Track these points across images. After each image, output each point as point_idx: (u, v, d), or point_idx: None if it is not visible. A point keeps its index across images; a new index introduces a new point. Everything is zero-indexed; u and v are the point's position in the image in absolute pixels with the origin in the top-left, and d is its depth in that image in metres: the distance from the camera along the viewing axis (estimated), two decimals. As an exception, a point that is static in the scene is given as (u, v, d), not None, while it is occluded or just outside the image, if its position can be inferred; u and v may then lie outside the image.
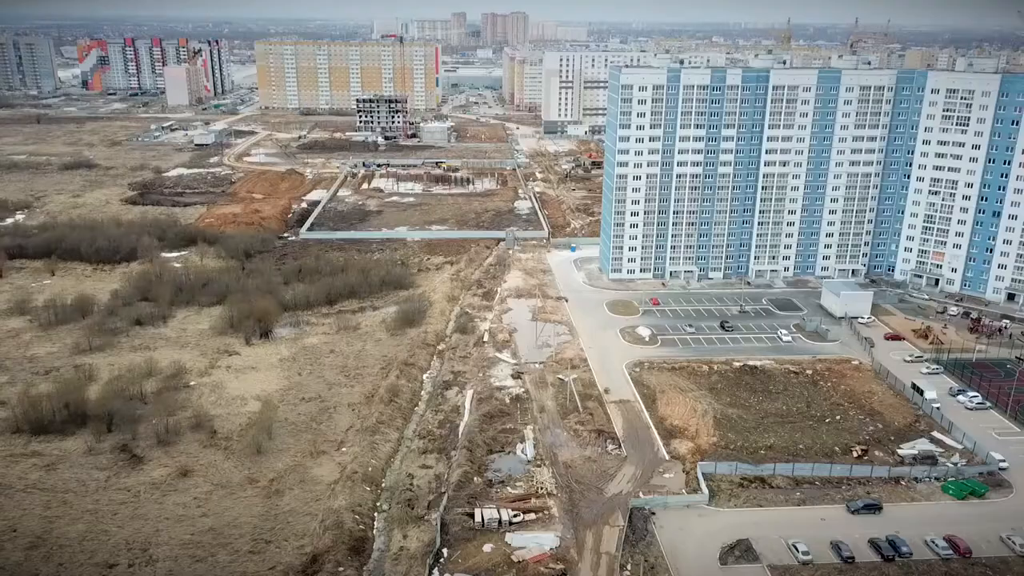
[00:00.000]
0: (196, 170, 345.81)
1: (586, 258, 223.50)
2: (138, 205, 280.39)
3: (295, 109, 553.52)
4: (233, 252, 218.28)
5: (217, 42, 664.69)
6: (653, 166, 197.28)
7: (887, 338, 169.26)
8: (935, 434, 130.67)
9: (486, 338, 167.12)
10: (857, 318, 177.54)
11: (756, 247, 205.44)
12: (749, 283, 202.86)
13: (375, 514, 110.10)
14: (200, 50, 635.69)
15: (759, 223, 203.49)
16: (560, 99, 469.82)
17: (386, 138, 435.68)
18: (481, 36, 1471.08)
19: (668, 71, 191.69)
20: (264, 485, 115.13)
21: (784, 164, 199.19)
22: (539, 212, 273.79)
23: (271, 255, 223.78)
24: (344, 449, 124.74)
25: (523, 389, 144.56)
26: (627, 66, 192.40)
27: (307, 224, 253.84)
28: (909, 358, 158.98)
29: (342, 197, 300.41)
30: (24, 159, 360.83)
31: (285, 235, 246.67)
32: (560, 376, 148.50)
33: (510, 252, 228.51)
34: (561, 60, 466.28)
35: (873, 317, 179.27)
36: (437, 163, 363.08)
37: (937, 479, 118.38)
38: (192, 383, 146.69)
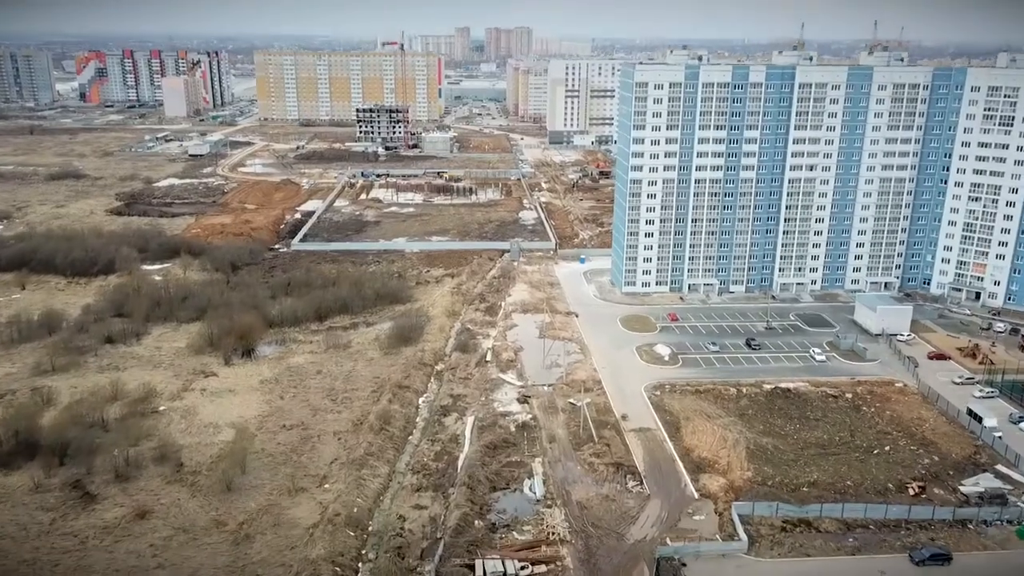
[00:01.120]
0: (188, 180, 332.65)
1: (597, 270, 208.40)
2: (123, 216, 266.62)
3: (295, 120, 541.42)
4: (219, 264, 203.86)
5: (217, 54, 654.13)
6: (670, 171, 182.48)
7: (931, 357, 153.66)
8: (1000, 468, 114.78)
9: (489, 357, 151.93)
10: (896, 335, 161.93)
11: (781, 258, 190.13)
12: (774, 297, 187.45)
13: (359, 564, 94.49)
14: (199, 61, 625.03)
15: (784, 232, 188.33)
16: (566, 109, 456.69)
17: (386, 148, 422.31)
18: (485, 51, 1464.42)
19: (686, 67, 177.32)
20: (232, 529, 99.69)
21: (811, 168, 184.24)
22: (545, 222, 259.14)
23: (260, 267, 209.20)
24: (327, 486, 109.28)
25: (530, 415, 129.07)
26: (641, 62, 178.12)
27: (300, 235, 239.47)
28: (959, 380, 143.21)
29: (339, 207, 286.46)
30: (11, 169, 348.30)
31: (276, 246, 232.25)
32: (572, 400, 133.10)
33: (515, 264, 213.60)
34: (567, 69, 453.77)
35: (913, 334, 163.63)
36: (439, 173, 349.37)
37: (1010, 522, 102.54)
38: (161, 408, 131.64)
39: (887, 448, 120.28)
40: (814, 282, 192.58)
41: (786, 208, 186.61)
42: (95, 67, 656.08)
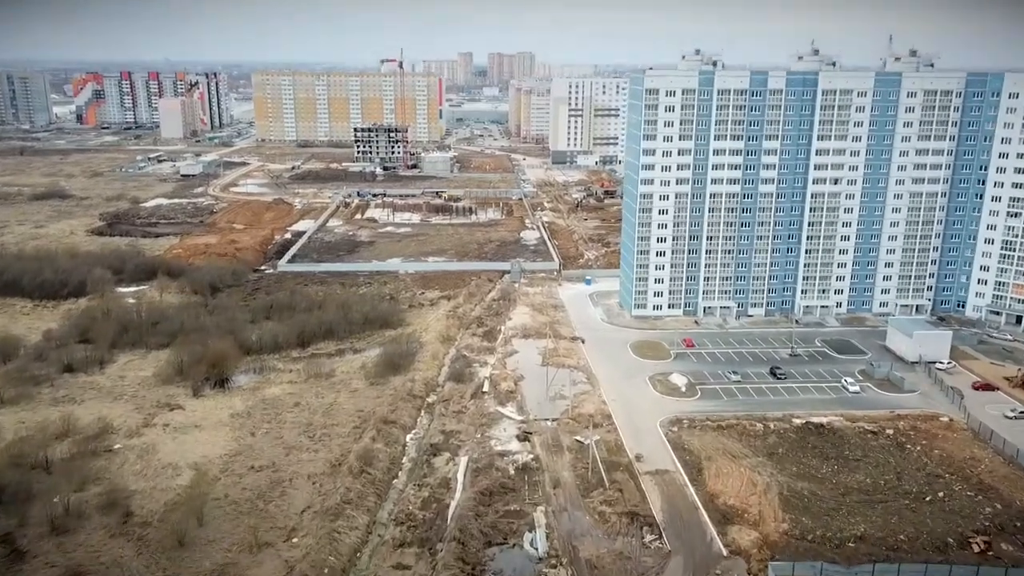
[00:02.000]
0: (177, 200, 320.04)
1: (604, 292, 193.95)
2: (104, 236, 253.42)
3: (292, 141, 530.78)
4: (198, 286, 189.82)
5: (216, 75, 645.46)
6: (683, 184, 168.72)
7: (976, 388, 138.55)
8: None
9: (486, 388, 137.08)
10: (935, 363, 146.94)
11: (804, 279, 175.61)
12: (797, 321, 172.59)
13: (328, 640, 79.22)
14: (197, 83, 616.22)
15: (807, 251, 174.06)
16: (569, 128, 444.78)
17: (385, 168, 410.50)
18: (488, 76, 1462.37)
19: (700, 73, 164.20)
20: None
21: (836, 182, 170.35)
22: (548, 242, 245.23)
23: (242, 289, 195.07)
24: (295, 540, 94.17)
25: (532, 455, 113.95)
26: (651, 68, 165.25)
27: (288, 255, 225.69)
28: (1011, 414, 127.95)
29: (331, 228, 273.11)
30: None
31: (262, 268, 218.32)
32: (578, 438, 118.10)
33: (516, 286, 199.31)
34: (570, 87, 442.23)
35: (953, 362, 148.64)
36: (437, 193, 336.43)
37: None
38: (116, 446, 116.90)
39: (941, 494, 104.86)
40: (839, 305, 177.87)
41: (809, 225, 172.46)
42: (92, 89, 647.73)
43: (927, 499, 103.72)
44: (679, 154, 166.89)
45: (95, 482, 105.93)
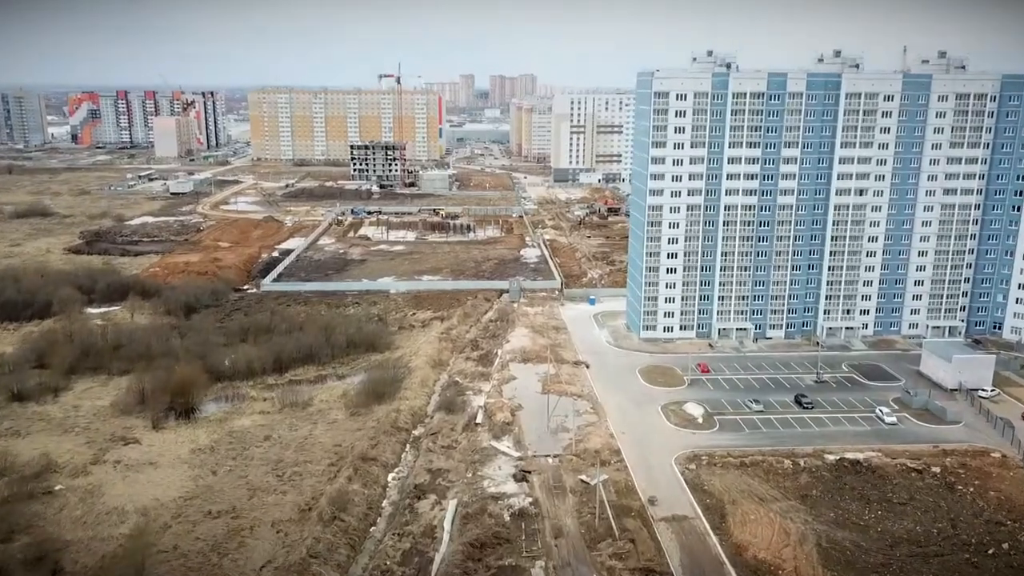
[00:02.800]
0: (163, 218, 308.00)
1: (609, 312, 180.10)
2: (82, 254, 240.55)
3: (289, 160, 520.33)
4: (172, 306, 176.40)
5: (212, 94, 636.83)
6: (695, 195, 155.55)
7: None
8: None
9: (480, 419, 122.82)
10: (977, 390, 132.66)
11: (827, 299, 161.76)
12: (820, 344, 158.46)
13: None
14: (193, 102, 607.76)
15: (830, 268, 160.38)
16: (571, 145, 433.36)
17: (381, 186, 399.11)
18: (489, 98, 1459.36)
19: (714, 75, 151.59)
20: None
21: (861, 193, 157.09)
22: (550, 260, 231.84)
23: (220, 310, 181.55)
24: (249, 604, 79.77)
25: (530, 499, 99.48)
26: (660, 70, 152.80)
27: (272, 274, 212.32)
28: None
29: (322, 246, 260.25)
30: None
31: (245, 287, 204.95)
32: (583, 478, 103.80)
33: (515, 305, 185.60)
34: (572, 103, 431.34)
35: (997, 389, 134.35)
36: (435, 210, 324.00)
37: None
38: (57, 487, 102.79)
39: (1005, 546, 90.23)
40: (865, 326, 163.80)
41: (832, 239, 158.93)
42: (88, 108, 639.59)
43: (990, 552, 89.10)
44: (691, 162, 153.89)
45: (26, 531, 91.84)
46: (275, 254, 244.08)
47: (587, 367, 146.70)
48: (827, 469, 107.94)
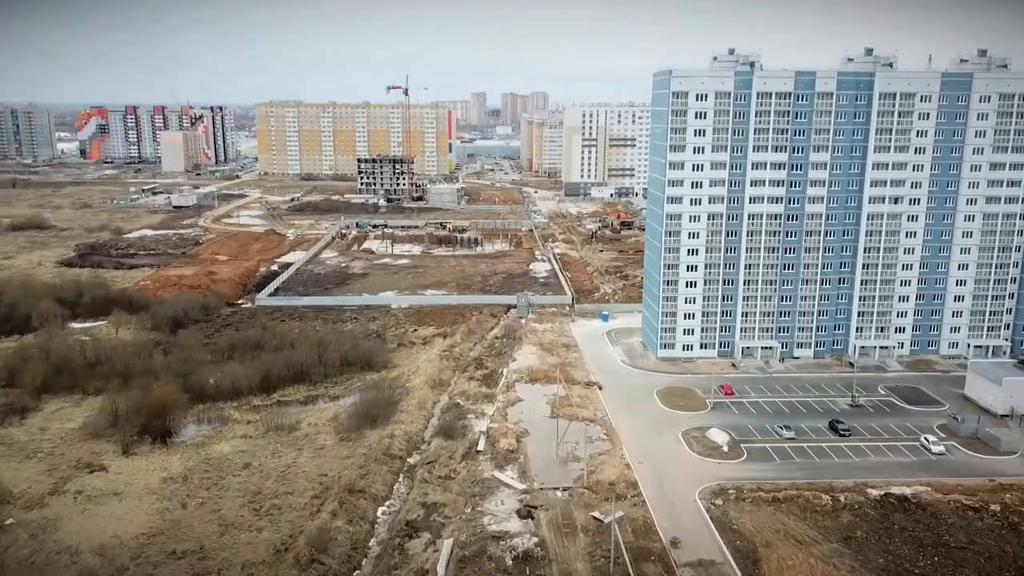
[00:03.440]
0: (163, 232, 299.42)
1: (623, 329, 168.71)
2: (74, 267, 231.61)
3: (296, 174, 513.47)
4: (159, 322, 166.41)
5: (221, 109, 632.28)
6: (716, 203, 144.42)
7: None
8: None
9: (482, 445, 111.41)
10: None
11: (859, 315, 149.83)
12: (852, 364, 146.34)
13: None
14: (201, 116, 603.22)
15: (862, 282, 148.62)
16: (583, 159, 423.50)
17: (389, 200, 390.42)
18: (501, 115, 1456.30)
19: (736, 75, 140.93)
20: None
21: (896, 201, 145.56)
22: (560, 274, 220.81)
23: (210, 325, 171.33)
24: (206, 666, 68.39)
25: (535, 540, 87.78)
26: (677, 68, 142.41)
27: (269, 288, 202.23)
28: None
29: (324, 259, 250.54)
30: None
31: (239, 301, 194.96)
32: (596, 514, 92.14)
33: (522, 321, 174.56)
34: (584, 116, 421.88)
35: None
36: (442, 224, 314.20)
37: None
38: (8, 521, 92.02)
39: (1087, 600, 77.86)
40: (901, 345, 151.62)
41: (864, 251, 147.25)
42: (96, 123, 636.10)
43: (1070, 608, 76.75)
44: (712, 168, 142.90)
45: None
46: (274, 268, 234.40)
47: (600, 388, 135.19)
48: (871, 506, 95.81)
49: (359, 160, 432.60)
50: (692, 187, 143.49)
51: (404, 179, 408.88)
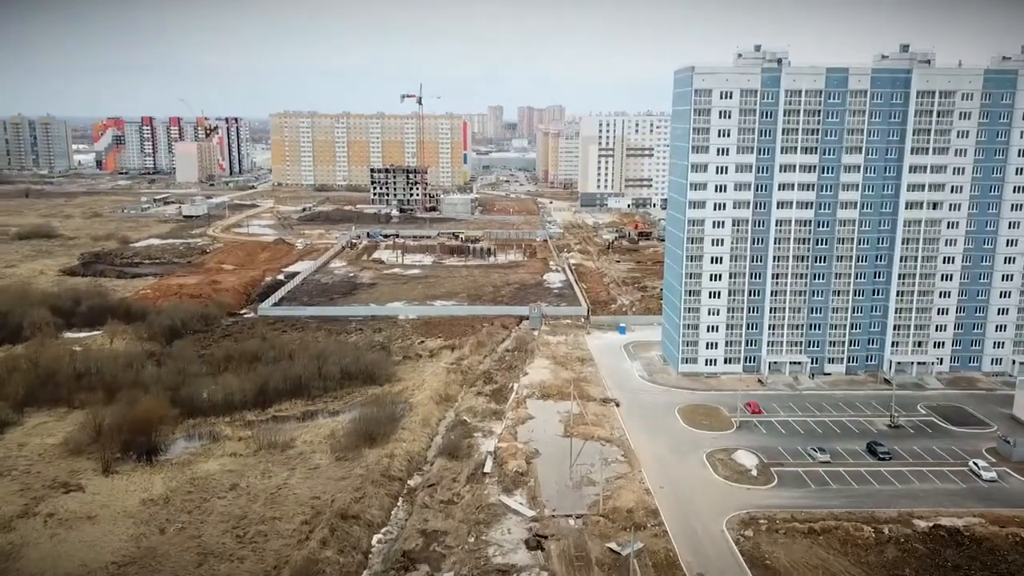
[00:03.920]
0: (171, 241, 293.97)
1: (642, 342, 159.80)
2: (77, 276, 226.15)
3: (310, 185, 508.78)
4: (156, 332, 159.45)
5: (236, 120, 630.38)
6: (742, 208, 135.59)
7: None
8: None
9: (488, 467, 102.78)
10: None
11: (895, 329, 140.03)
12: (888, 381, 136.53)
13: None
14: (216, 127, 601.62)
15: (899, 293, 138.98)
16: (599, 169, 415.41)
17: (402, 211, 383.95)
18: (517, 128, 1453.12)
19: (763, 71, 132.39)
20: None
21: (935, 206, 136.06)
22: (575, 285, 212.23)
23: (208, 335, 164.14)
24: None
25: (545, 574, 78.88)
26: (699, 64, 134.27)
27: (273, 298, 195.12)
28: None
29: (332, 268, 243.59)
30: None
31: (241, 311, 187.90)
32: (613, 545, 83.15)
33: (535, 333, 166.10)
34: (600, 126, 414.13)
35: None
36: (454, 234, 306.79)
37: None
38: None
39: None
40: (940, 361, 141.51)
41: (901, 260, 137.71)
42: (112, 135, 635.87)
43: None
44: (737, 170, 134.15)
45: (-87, 607, 73.52)
46: (280, 277, 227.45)
47: (617, 406, 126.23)
48: (919, 539, 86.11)
49: (372, 170, 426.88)
50: (716, 191, 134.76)
51: (417, 189, 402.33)
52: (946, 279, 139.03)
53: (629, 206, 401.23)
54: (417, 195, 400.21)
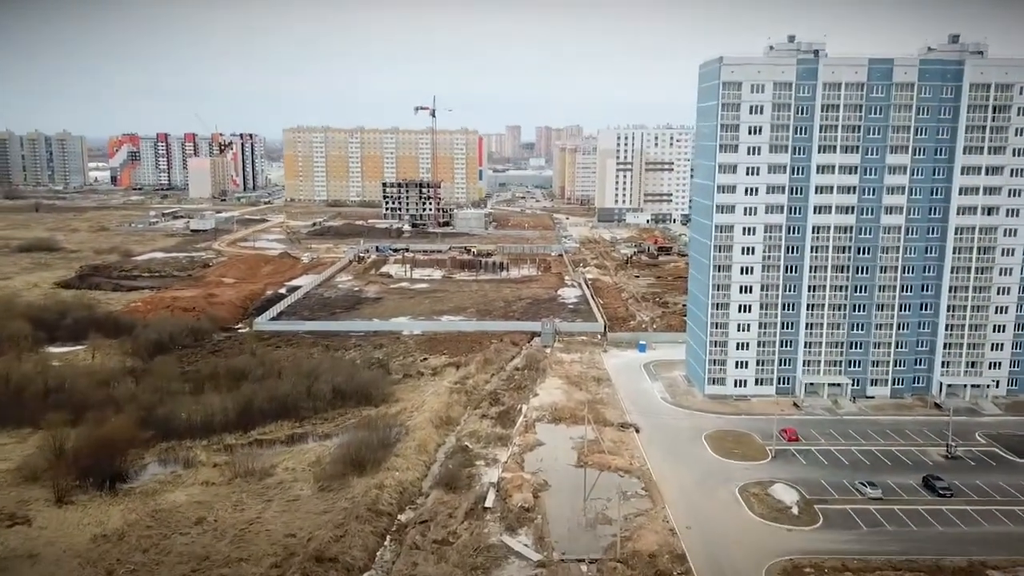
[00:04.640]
0: (174, 255, 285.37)
1: (664, 361, 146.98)
2: (71, 289, 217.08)
3: (323, 200, 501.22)
4: (140, 347, 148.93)
5: (251, 136, 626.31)
6: (774, 213, 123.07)
7: None
8: None
9: (490, 501, 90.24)
10: None
11: (945, 348, 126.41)
12: (938, 405, 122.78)
13: None
14: (231, 143, 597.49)
15: (950, 308, 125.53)
16: (617, 184, 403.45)
17: (414, 225, 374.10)
18: (535, 148, 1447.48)
19: (799, 63, 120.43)
20: None
21: (990, 212, 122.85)
22: (591, 300, 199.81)
23: (198, 351, 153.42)
24: None
25: (552, 637, 66.15)
26: (728, 55, 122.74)
27: (271, 312, 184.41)
28: None
29: (337, 282, 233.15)
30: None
31: (236, 325, 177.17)
32: (633, 601, 70.18)
33: (547, 351, 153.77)
34: (618, 139, 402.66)
35: None
36: (466, 248, 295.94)
37: None
38: None
39: None
40: (996, 383, 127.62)
41: (952, 272, 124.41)
42: (128, 151, 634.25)
43: None
44: (769, 171, 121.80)
45: None
46: (281, 291, 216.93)
47: (637, 431, 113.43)
48: (997, 595, 72.57)
49: (384, 184, 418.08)
50: (746, 194, 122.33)
51: (430, 204, 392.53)
52: (1003, 292, 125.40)
53: (648, 221, 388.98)
54: (430, 210, 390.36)
